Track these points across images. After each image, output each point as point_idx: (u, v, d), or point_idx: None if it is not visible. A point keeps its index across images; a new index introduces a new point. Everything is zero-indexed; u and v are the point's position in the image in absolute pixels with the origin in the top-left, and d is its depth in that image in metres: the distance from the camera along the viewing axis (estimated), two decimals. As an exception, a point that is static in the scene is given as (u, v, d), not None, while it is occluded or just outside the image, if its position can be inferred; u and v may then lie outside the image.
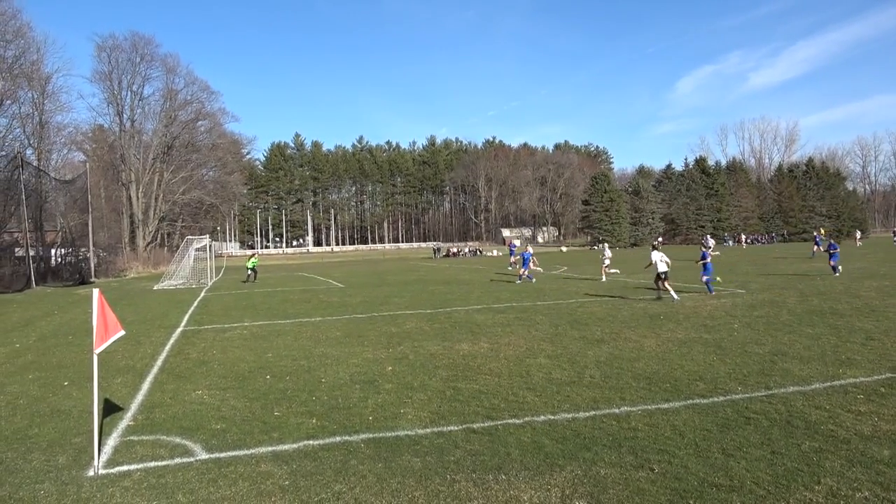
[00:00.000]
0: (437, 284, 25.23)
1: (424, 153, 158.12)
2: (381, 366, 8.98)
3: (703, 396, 6.83)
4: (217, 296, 23.47)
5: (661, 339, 10.45)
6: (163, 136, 61.96)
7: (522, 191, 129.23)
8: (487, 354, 9.58)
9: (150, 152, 60.67)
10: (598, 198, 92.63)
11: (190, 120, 65.13)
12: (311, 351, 10.40)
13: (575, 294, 18.91)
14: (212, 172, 75.14)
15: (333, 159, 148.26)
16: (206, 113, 67.09)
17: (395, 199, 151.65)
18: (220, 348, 11.00)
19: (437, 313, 15.08)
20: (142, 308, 19.33)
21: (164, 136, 62.05)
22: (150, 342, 12.01)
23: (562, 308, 15.34)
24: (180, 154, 64.32)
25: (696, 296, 17.08)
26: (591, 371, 8.18)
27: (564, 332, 11.54)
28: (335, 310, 16.74)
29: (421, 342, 10.87)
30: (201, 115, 66.61)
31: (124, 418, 6.77)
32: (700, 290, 18.51)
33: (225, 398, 7.44)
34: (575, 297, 18.05)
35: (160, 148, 61.97)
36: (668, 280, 16.60)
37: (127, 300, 22.74)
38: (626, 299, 16.76)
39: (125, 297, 24.57)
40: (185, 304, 20.31)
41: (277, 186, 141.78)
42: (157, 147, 61.50)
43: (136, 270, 48.00)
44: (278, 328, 13.42)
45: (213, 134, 70.15)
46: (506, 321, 13.23)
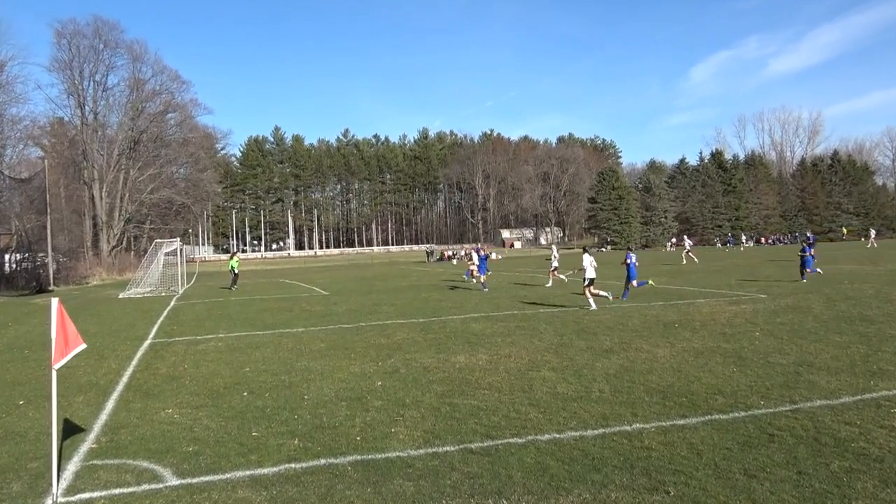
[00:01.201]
0: (431, 291, 25.21)
1: (416, 147, 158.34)
2: (370, 381, 8.96)
3: (723, 412, 6.83)
4: (189, 305, 23.39)
5: (676, 349, 10.46)
6: (129, 130, 61.86)
7: (523, 188, 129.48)
8: (486, 367, 9.56)
9: (115, 148, 60.54)
10: (605, 195, 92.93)
11: (158, 112, 65.03)
12: (293, 365, 10.37)
13: (581, 300, 18.92)
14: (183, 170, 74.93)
15: (316, 155, 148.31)
16: (176, 104, 67.02)
17: (384, 197, 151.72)
18: (193, 362, 10.95)
19: (431, 322, 15.05)
20: (106, 318, 19.23)
21: (130, 130, 61.95)
22: (114, 356, 11.94)
23: (567, 316, 15.33)
24: (148, 149, 64.18)
25: (714, 302, 17.12)
26: (600, 385, 8.17)
27: (570, 342, 11.53)
28: (319, 319, 16.70)
29: (413, 354, 10.85)
30: (171, 107, 66.53)
31: (86, 440, 6.71)
32: (717, 296, 18.55)
33: (198, 417, 7.40)
34: (581, 303, 18.06)
35: (126, 143, 61.84)
36: (593, 287, 16.87)
37: (89, 310, 22.63)
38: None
39: (87, 306, 24.45)
40: (153, 313, 20.22)
41: (255, 185, 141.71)
42: (122, 142, 61.38)
43: (100, 277, 47.80)
44: (256, 340, 13.37)
45: (183, 127, 70.07)
46: (506, 330, 13.22)
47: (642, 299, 18.50)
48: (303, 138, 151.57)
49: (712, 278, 25.11)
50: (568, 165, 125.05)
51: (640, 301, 18.03)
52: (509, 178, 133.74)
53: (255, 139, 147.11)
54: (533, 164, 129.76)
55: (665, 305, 16.72)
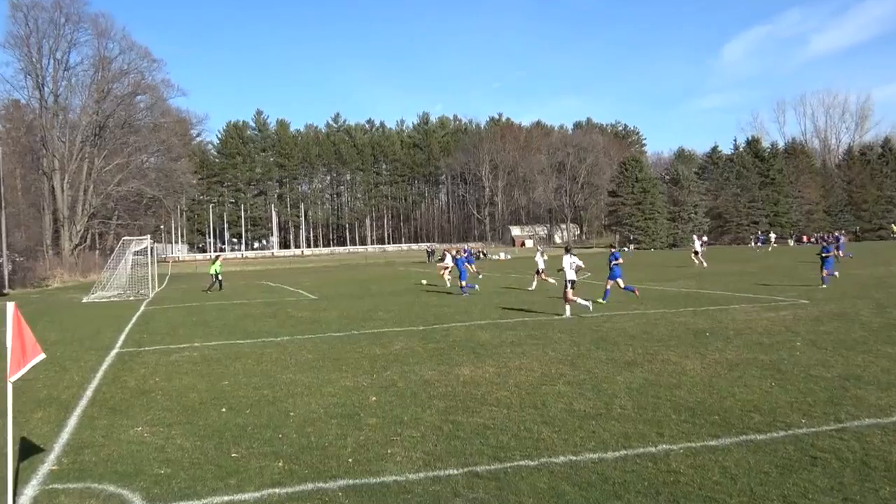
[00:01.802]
0: (432, 295, 25.22)
1: (415, 134, 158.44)
2: (364, 395, 8.96)
3: (760, 431, 6.82)
4: (160, 310, 23.43)
5: (707, 360, 10.45)
6: (93, 115, 61.90)
7: (535, 179, 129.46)
8: (494, 381, 9.56)
9: (78, 134, 60.59)
10: (627, 188, 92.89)
11: (126, 94, 65.11)
12: (277, 377, 10.38)
13: (599, 306, 18.90)
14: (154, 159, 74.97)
15: (303, 142, 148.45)
16: (146, 86, 67.08)
17: (379, 190, 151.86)
18: (165, 375, 10.97)
19: (432, 330, 15.06)
20: (68, 325, 19.28)
21: (94, 115, 61.99)
22: (77, 368, 11.97)
23: (585, 323, 15.33)
24: (115, 136, 64.24)
25: (749, 308, 17.10)
26: (622, 401, 8.17)
27: (588, 352, 11.53)
28: (306, 327, 16.72)
29: (412, 366, 10.86)
30: (140, 89, 66.62)
31: (46, 461, 6.73)
32: (753, 301, 18.53)
33: (170, 436, 7.41)
34: (600, 309, 18.05)
35: (90, 128, 61.90)
36: (573, 290, 17.02)
37: (49, 316, 22.68)
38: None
39: (47, 311, 24.51)
40: (121, 320, 20.26)
41: (235, 176, 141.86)
42: (86, 127, 61.42)
43: (61, 279, 47.89)
44: (236, 350, 13.39)
45: (154, 111, 70.11)
46: (516, 339, 13.22)
47: (669, 305, 18.49)
48: (288, 123, 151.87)
49: (746, 282, 25.09)
50: (586, 154, 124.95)
51: (666, 307, 18.01)
52: (519, 169, 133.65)
53: (235, 125, 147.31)
54: (546, 152, 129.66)
55: (695, 312, 16.70)
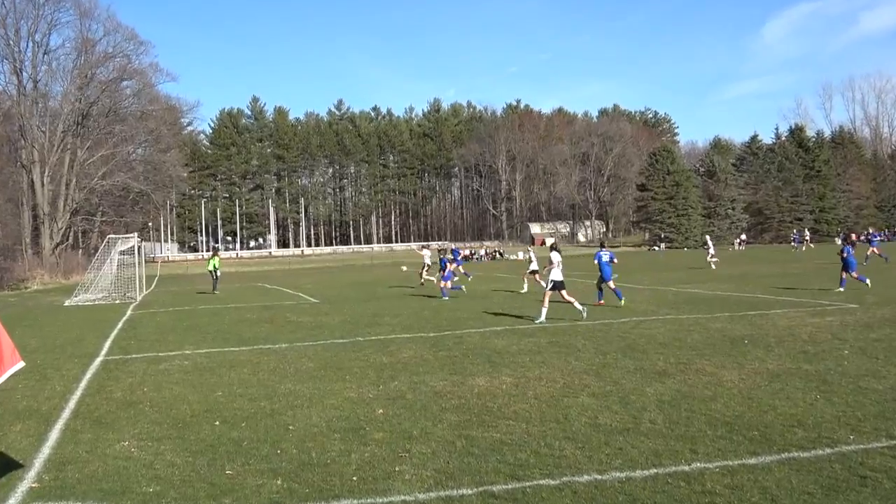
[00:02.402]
0: (442, 299, 25.21)
1: (425, 123, 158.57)
2: (369, 408, 8.98)
3: (803, 448, 6.78)
4: (149, 314, 23.55)
5: (746, 370, 10.40)
6: (75, 102, 62.24)
7: (557, 172, 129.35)
8: (511, 392, 9.56)
9: (60, 123, 60.96)
10: (658, 181, 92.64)
11: (112, 79, 65.46)
12: (275, 388, 10.41)
13: (628, 311, 18.85)
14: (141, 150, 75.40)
15: (303, 132, 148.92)
16: (132, 70, 67.44)
17: (386, 184, 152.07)
18: (154, 385, 11.03)
19: (444, 337, 15.07)
20: (49, 331, 19.42)
21: (77, 102, 62.34)
22: (59, 377, 12.05)
23: (611, 329, 15.30)
24: (99, 125, 64.58)
25: (793, 312, 17.00)
26: (652, 414, 8.15)
27: (615, 361, 11.50)
28: (307, 333, 16.76)
29: (422, 376, 10.87)
30: (126, 73, 66.94)
31: (25, 478, 6.77)
32: (796, 305, 18.43)
33: (159, 452, 7.45)
34: (628, 314, 17.98)
35: (72, 117, 62.26)
36: (566, 292, 17.33)
37: (29, 320, 22.84)
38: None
39: (26, 315, 24.68)
40: (106, 325, 20.38)
41: (229, 168, 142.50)
42: (68, 115, 61.78)
43: (41, 280, 48.23)
44: (231, 358, 13.44)
45: (142, 98, 70.49)
46: (535, 347, 13.21)
47: (704, 309, 18.42)
48: (287, 111, 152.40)
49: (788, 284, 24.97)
50: (612, 144, 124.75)
51: (701, 312, 17.94)
52: (540, 161, 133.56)
53: (229, 112, 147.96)
54: (569, 142, 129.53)
55: (732, 317, 16.63)
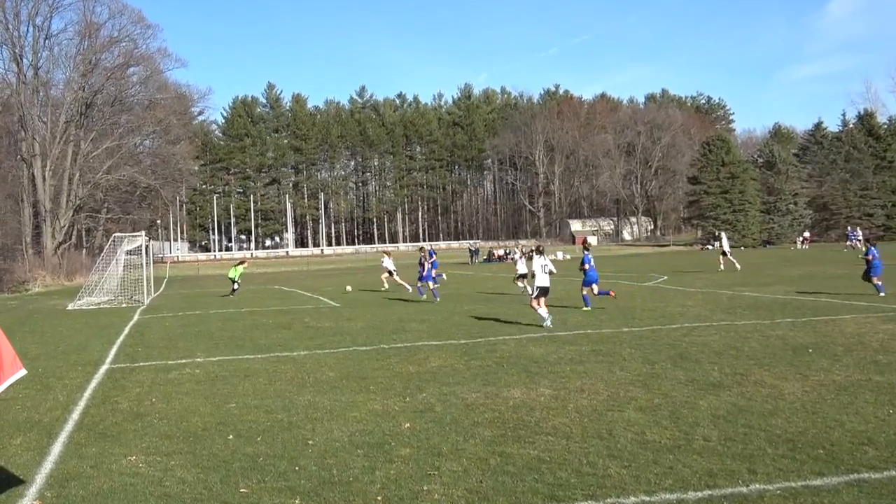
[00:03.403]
0: (476, 302, 25.20)
1: (455, 111, 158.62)
2: (395, 421, 9.00)
3: (874, 468, 6.70)
4: (157, 319, 23.79)
5: (810, 382, 10.29)
6: (79, 90, 62.97)
7: (599, 164, 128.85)
8: (550, 405, 9.53)
9: (62, 113, 61.65)
10: (711, 173, 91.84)
11: (117, 66, 66.11)
12: (293, 399, 10.46)
13: (679, 316, 18.70)
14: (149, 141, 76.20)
15: (323, 121, 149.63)
16: (139, 56, 68.10)
17: (412, 177, 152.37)
18: (163, 395, 11.13)
19: (476, 345, 15.06)
20: (51, 337, 19.68)
21: (80, 90, 63.05)
22: (62, 386, 12.21)
23: (660, 337, 15.20)
24: (104, 115, 65.27)
25: (862, 318, 16.76)
26: (705, 430, 8.09)
27: (664, 371, 11.43)
28: (327, 339, 16.84)
29: (452, 387, 10.87)
30: (133, 59, 67.62)
31: (26, 495, 6.86)
32: (866, 310, 18.17)
33: (169, 467, 7.52)
34: (679, 320, 17.85)
35: (75, 106, 62.96)
36: (545, 299, 17.57)
37: (30, 325, 23.17)
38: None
39: (27, 320, 25.03)
40: (111, 330, 20.61)
41: (243, 161, 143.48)
42: (70, 105, 62.47)
43: (43, 282, 48.90)
44: (245, 366, 13.53)
45: (150, 86, 71.11)
46: (577, 356, 13.16)
47: (763, 314, 18.23)
48: (305, 99, 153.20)
49: (857, 286, 24.61)
50: (661, 133, 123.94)
51: (760, 317, 17.77)
52: (580, 151, 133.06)
53: (243, 101, 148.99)
54: (613, 131, 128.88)
55: (794, 323, 16.45)
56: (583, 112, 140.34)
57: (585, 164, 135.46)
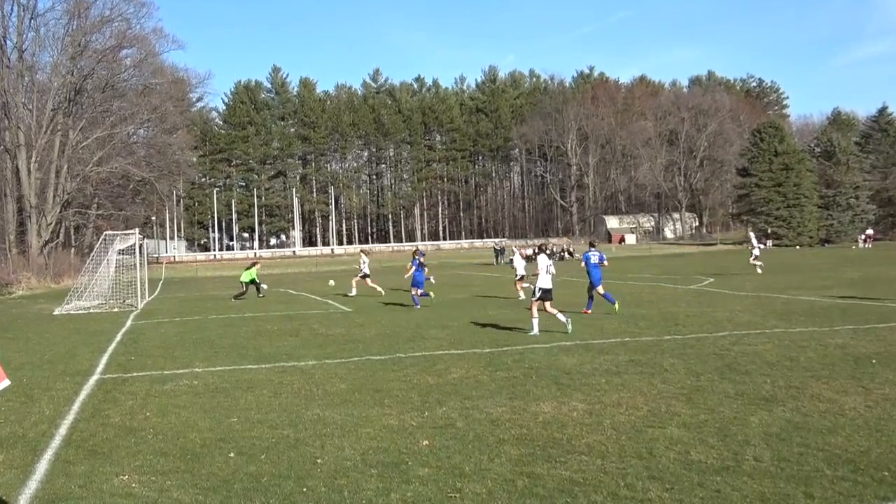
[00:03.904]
0: (501, 307, 25.19)
1: (479, 96, 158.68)
2: (412, 438, 9.00)
3: (947, 493, 6.63)
4: (152, 325, 23.92)
5: (874, 397, 10.22)
6: (67, 74, 63.31)
7: (639, 154, 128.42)
8: (584, 421, 9.51)
9: (49, 99, 62.03)
10: (763, 164, 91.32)
11: (109, 48, 66.35)
12: (301, 414, 10.49)
13: (727, 323, 18.62)
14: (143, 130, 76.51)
15: (333, 108, 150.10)
16: (133, 36, 68.29)
17: (432, 169, 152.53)
18: (158, 408, 11.19)
19: (501, 353, 15.06)
20: (36, 344, 19.80)
21: (69, 74, 63.39)
22: (49, 398, 12.28)
23: (706, 345, 15.14)
24: (94, 102, 65.56)
25: (932, 325, 16.62)
26: (756, 449, 8.04)
27: (710, 384, 11.38)
28: (338, 348, 16.88)
29: (475, 401, 10.86)
30: (126, 41, 67.81)
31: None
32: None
33: (164, 488, 7.55)
34: (727, 327, 17.78)
35: (64, 92, 63.32)
36: (551, 303, 17.71)
37: (13, 331, 23.34)
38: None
39: (10, 326, 25.21)
40: (102, 337, 20.73)
41: (245, 152, 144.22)
42: (58, 91, 62.82)
43: (28, 284, 49.20)
44: (248, 377, 13.58)
45: (144, 70, 71.44)
46: (613, 366, 13.13)
47: (821, 321, 18.11)
48: (314, 83, 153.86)
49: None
50: (706, 120, 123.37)
51: (817, 324, 17.66)
52: (617, 140, 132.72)
53: (246, 86, 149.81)
54: (653, 118, 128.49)
55: (856, 331, 16.33)
56: (620, 97, 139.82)
57: (623, 155, 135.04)
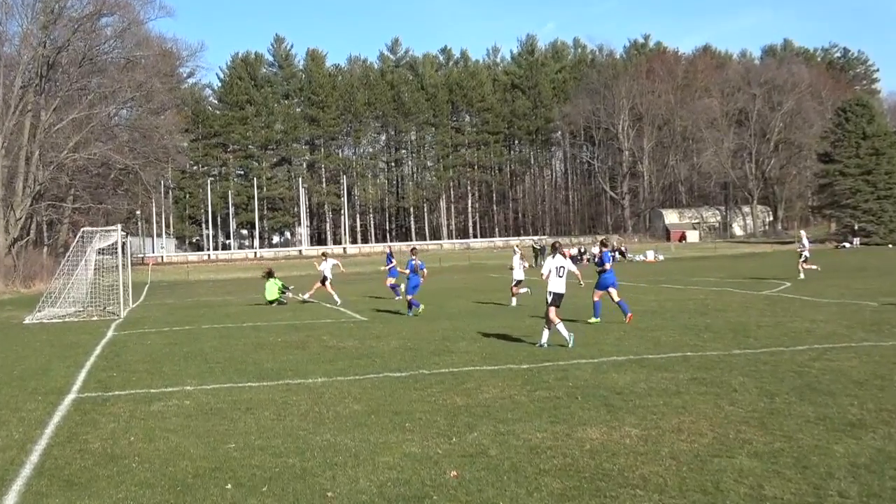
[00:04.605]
0: (541, 316, 25.16)
1: (515, 70, 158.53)
2: (438, 468, 9.00)
3: None
4: (137, 336, 24.07)
5: (981, 422, 10.13)
6: (38, 46, 63.61)
7: (702, 137, 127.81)
8: (638, 449, 9.48)
9: (17, 76, 62.40)
10: (849, 149, 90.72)
11: (86, 15, 66.53)
12: (308, 439, 10.52)
13: (807, 335, 18.53)
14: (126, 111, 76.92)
15: (346, 84, 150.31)
16: (114, 3, 68.40)
17: (460, 155, 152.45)
18: (143, 432, 11.24)
19: (541, 370, 15.05)
20: (3, 358, 19.97)
21: (40, 46, 63.71)
22: (18, 420, 12.39)
23: (781, 361, 15.07)
24: (70, 78, 65.86)
25: None
26: (841, 483, 8.00)
27: (787, 407, 11.32)
28: (352, 363, 16.91)
29: (511, 425, 10.86)
30: (106, 7, 67.99)
31: (-26, 558, 6.99)
32: None
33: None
34: (807, 339, 17.70)
35: (34, 67, 63.71)
36: (557, 310, 18.04)
37: (-22, 344, 23.54)
38: None
39: (-25, 337, 25.46)
40: (79, 350, 20.87)
41: (244, 136, 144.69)
42: (28, 66, 63.18)
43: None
44: (247, 396, 13.64)
45: (127, 41, 71.67)
46: (673, 386, 13.10)
47: None
48: (323, 56, 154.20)
49: None
50: (782, 97, 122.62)
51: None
52: (677, 121, 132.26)
53: (244, 59, 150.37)
54: (720, 95, 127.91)
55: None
56: (680, 70, 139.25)
57: (683, 138, 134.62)
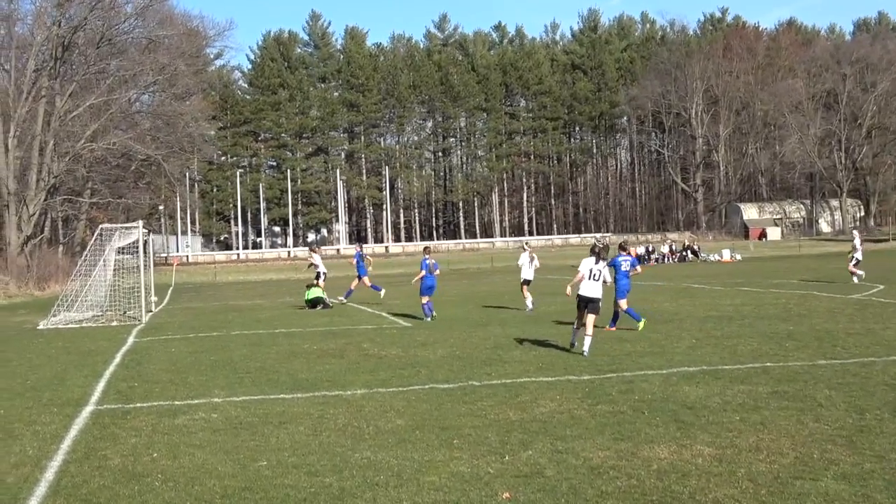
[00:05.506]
0: (607, 322, 25.09)
1: (576, 49, 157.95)
2: (489, 489, 9.02)
3: None
4: (160, 343, 24.24)
5: None
6: (53, 26, 63.91)
7: (785, 123, 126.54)
8: (712, 470, 9.45)
9: (31, 58, 62.70)
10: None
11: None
12: (346, 457, 10.57)
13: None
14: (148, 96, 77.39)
15: (388, 66, 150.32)
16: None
17: (514, 144, 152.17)
18: (167, 448, 11.34)
19: (604, 381, 15.02)
20: (17, 367, 20.19)
21: (55, 26, 64.01)
22: (32, 434, 12.53)
23: (873, 374, 14.94)
24: (87, 60, 66.17)
25: None
26: (941, 509, 7.93)
27: (879, 424, 11.23)
28: (394, 373, 16.95)
29: (570, 442, 10.86)
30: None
31: (-14, 583, 7.11)
32: None
33: (177, 548, 7.69)
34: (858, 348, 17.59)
35: (49, 49, 64.04)
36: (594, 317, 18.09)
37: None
38: None
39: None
40: (98, 358, 21.04)
41: (276, 123, 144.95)
42: (42, 47, 63.59)
43: (6, 292, 50.10)
44: (280, 409, 13.71)
45: (149, 19, 71.87)
46: (750, 400, 13.03)
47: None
48: (363, 35, 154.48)
49: None
50: (876, 77, 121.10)
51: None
52: (757, 105, 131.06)
53: (277, 38, 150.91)
54: (805, 75, 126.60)
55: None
56: (761, 48, 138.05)
57: (764, 124, 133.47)
